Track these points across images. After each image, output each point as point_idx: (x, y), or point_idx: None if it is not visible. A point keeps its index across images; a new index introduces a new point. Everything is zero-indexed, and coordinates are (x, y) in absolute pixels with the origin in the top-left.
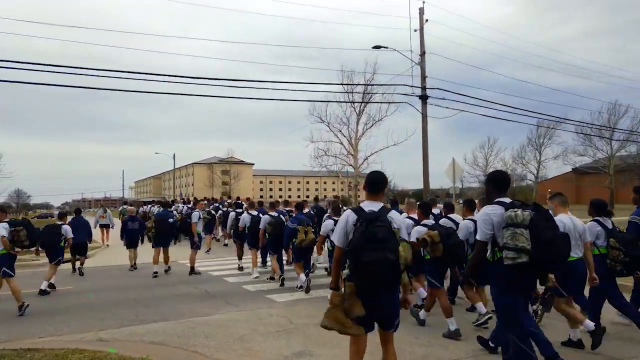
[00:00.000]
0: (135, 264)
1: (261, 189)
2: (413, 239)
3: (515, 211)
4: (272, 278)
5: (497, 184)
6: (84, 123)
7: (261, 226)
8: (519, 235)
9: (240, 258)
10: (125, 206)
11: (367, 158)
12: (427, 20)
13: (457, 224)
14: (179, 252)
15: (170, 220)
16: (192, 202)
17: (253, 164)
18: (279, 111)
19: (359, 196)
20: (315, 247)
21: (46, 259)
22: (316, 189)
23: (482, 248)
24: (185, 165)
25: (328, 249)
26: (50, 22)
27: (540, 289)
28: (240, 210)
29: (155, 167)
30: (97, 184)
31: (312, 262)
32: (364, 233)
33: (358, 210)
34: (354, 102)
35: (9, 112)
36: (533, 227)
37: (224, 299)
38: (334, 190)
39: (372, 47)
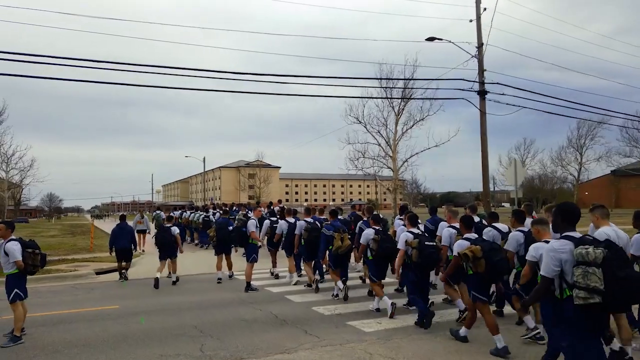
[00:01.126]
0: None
1: (287, 193)
2: (455, 252)
3: (586, 249)
4: (309, 285)
5: (566, 216)
6: (114, 129)
7: (297, 232)
8: (591, 274)
9: (274, 266)
10: (159, 212)
11: (406, 160)
12: (485, 9)
13: (502, 233)
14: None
15: (230, 227)
16: (231, 207)
17: (280, 167)
18: (305, 115)
19: (400, 199)
20: (351, 254)
21: (82, 270)
22: (342, 192)
23: (548, 285)
24: (213, 169)
25: (368, 258)
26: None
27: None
28: (275, 218)
29: (182, 171)
30: (126, 187)
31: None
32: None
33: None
34: (404, 98)
35: (42, 118)
36: (606, 265)
37: (299, 326)
38: (359, 193)
39: (426, 39)
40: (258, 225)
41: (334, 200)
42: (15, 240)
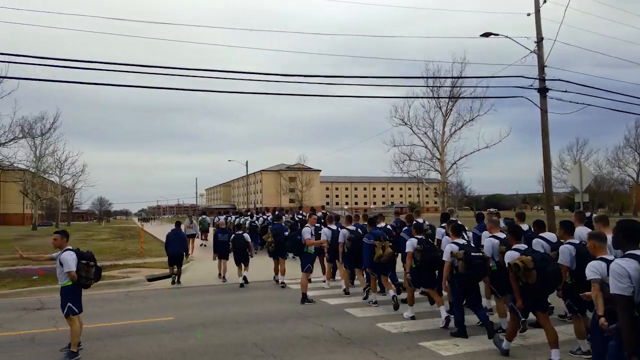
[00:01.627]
0: (224, 276)
1: (327, 196)
2: (506, 262)
3: None
4: (346, 292)
5: (627, 232)
6: (160, 135)
7: (340, 240)
8: None
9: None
10: (204, 216)
11: (455, 162)
12: (545, 0)
13: (551, 244)
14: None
15: (286, 233)
16: (273, 212)
17: (320, 171)
18: (345, 118)
19: (446, 205)
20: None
21: (134, 277)
22: (383, 195)
23: (629, 304)
24: (254, 173)
25: (411, 266)
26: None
27: None
28: (318, 224)
29: (225, 175)
30: (170, 191)
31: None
32: None
33: None
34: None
35: (93, 126)
36: None
37: (366, 346)
38: (401, 196)
39: (481, 35)
40: (314, 233)
41: (374, 203)
42: (72, 250)
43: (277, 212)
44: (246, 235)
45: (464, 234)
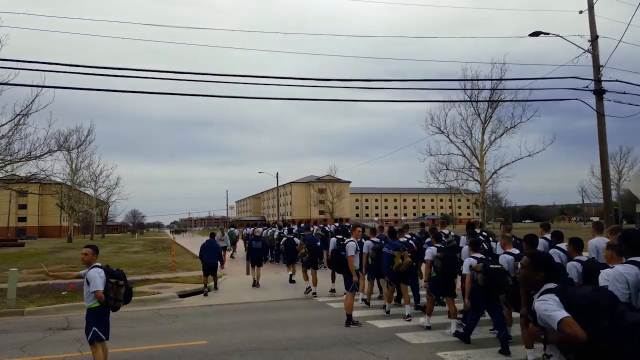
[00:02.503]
0: (258, 282)
1: (357, 207)
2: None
3: None
4: (367, 302)
5: (630, 241)
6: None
7: (365, 251)
8: None
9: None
10: (233, 229)
11: (495, 172)
12: None
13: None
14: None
15: (318, 243)
16: (299, 224)
17: (350, 182)
18: (374, 129)
19: (487, 217)
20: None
21: (165, 293)
22: (414, 207)
23: None
24: (284, 185)
25: (431, 274)
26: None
27: None
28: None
29: (254, 187)
30: (202, 203)
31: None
32: None
33: None
34: (493, 101)
35: (126, 140)
36: None
37: None
38: (432, 207)
39: (530, 35)
40: (359, 249)
41: (405, 215)
42: (100, 267)
43: (302, 224)
44: (296, 239)
45: (489, 243)
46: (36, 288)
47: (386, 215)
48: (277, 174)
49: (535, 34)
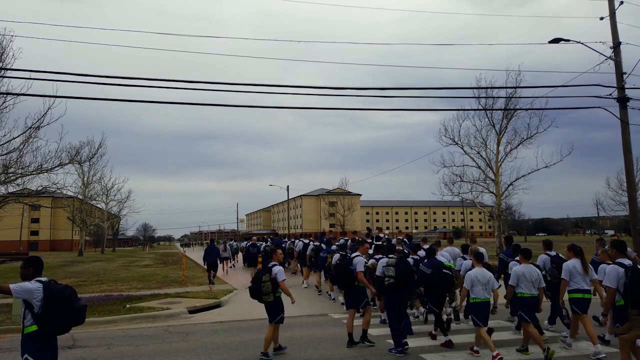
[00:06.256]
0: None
1: (367, 220)
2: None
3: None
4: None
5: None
6: (202, 162)
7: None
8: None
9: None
10: (232, 242)
11: (512, 183)
12: (622, 1)
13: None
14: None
15: (323, 254)
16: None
17: (360, 195)
18: (383, 142)
19: (503, 230)
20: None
21: (175, 309)
22: (425, 220)
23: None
24: (294, 198)
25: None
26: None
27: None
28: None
29: (265, 200)
30: (212, 217)
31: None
32: None
33: None
34: (509, 109)
35: (137, 154)
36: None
37: None
38: (444, 220)
39: (549, 42)
40: (367, 264)
41: (416, 228)
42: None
43: (311, 237)
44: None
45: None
46: None
47: (397, 228)
48: (288, 187)
49: (556, 40)
